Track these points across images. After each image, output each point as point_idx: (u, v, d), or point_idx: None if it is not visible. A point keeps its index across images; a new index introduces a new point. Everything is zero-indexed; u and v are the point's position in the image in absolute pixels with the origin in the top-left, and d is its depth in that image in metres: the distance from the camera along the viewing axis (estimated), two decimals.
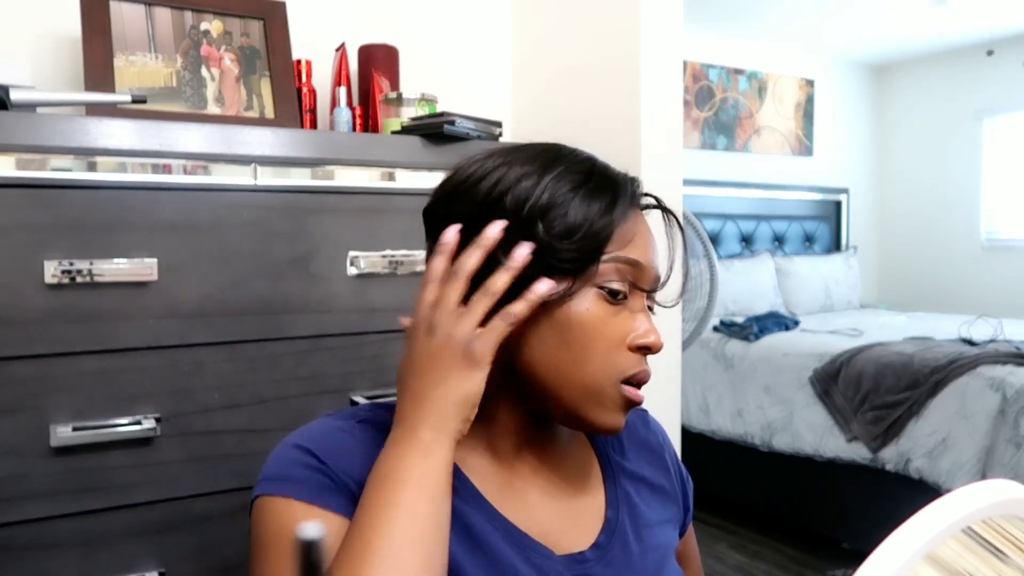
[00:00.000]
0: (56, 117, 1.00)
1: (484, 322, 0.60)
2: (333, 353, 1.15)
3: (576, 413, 0.63)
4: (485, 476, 0.66)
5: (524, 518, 0.65)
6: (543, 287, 0.60)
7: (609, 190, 0.65)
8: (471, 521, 0.63)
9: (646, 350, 0.65)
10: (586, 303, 0.62)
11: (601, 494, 0.71)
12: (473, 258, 0.60)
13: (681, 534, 0.79)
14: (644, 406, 0.81)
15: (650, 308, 0.68)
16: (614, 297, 0.63)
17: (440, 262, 0.61)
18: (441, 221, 0.64)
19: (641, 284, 0.65)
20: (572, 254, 0.61)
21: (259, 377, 1.09)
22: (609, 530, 0.68)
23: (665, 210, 0.73)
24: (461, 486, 0.64)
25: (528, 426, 0.67)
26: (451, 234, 0.61)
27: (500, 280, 0.59)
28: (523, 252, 0.60)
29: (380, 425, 0.66)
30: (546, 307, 0.62)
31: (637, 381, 0.64)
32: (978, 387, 2.39)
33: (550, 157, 0.66)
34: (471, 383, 0.59)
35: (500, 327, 0.59)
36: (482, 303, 0.59)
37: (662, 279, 0.68)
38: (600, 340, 0.62)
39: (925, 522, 0.36)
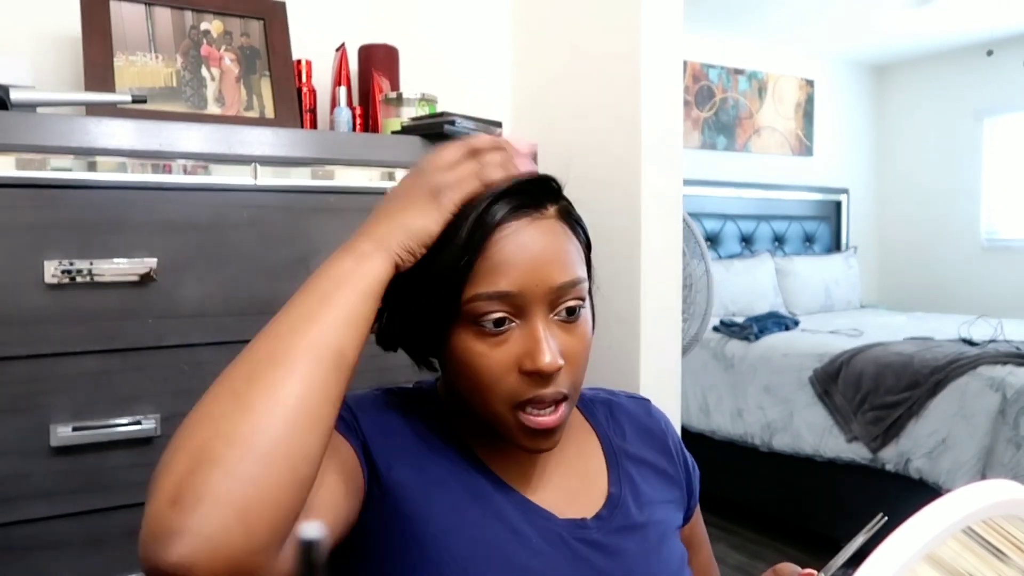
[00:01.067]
0: (56, 117, 1.00)
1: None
2: None
3: (500, 436, 0.65)
4: (494, 456, 0.68)
5: (531, 490, 0.68)
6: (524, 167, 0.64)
7: (477, 221, 0.61)
8: (477, 485, 0.65)
9: (536, 373, 0.61)
10: (465, 341, 0.61)
11: (604, 473, 0.72)
12: (484, 140, 0.62)
13: (687, 519, 0.80)
14: (647, 398, 0.83)
15: (570, 312, 0.63)
16: (496, 326, 0.61)
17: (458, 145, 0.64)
18: None
19: (526, 308, 0.61)
20: (429, 311, 0.62)
21: None
22: (612, 504, 0.70)
23: (565, 213, 0.66)
24: (469, 457, 0.67)
25: None
26: (485, 139, 0.63)
27: (493, 156, 0.62)
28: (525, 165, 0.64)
29: (424, 396, 0.71)
30: (443, 348, 0.63)
31: (536, 403, 0.62)
32: (978, 387, 2.39)
33: None
34: (427, 219, 0.59)
35: (472, 184, 0.61)
36: (469, 166, 0.61)
37: (567, 284, 0.62)
38: (485, 373, 0.61)
39: (925, 522, 0.36)
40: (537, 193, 0.64)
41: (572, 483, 0.70)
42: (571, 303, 0.63)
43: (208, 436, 0.47)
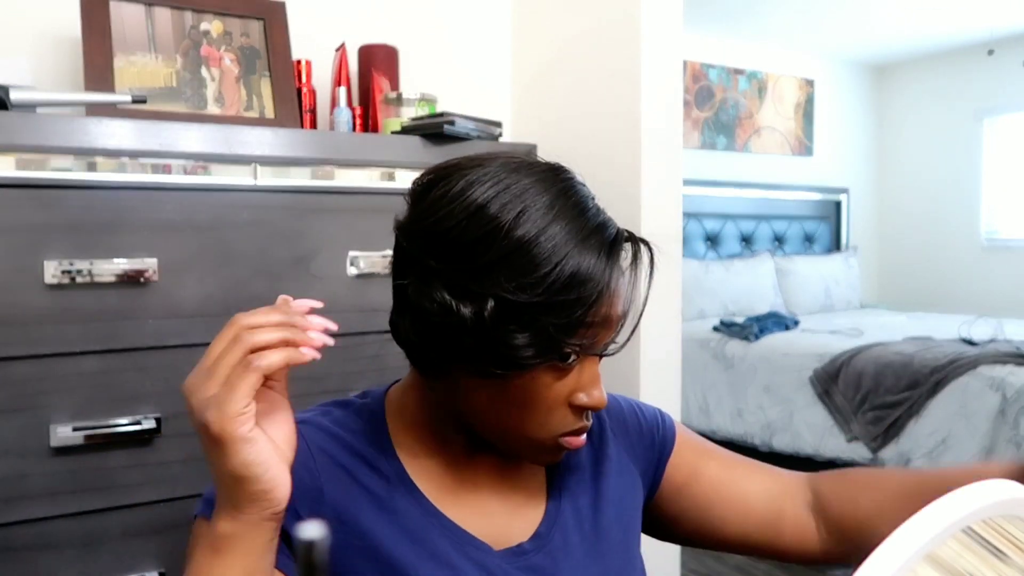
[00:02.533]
0: (56, 117, 1.00)
1: None
2: (333, 353, 1.14)
3: (512, 453, 0.65)
4: (432, 478, 0.66)
5: (468, 515, 0.66)
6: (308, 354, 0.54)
7: (598, 249, 0.58)
8: (408, 518, 0.63)
9: (591, 409, 0.62)
10: (534, 373, 0.59)
11: (543, 485, 0.71)
12: (246, 317, 0.52)
13: (660, 468, 0.77)
14: (643, 397, 0.81)
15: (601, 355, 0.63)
16: (564, 361, 0.59)
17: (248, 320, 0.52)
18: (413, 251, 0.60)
19: (598, 346, 0.61)
20: (521, 343, 0.57)
21: None
22: (549, 520, 0.68)
23: (650, 257, 0.67)
24: (402, 486, 0.65)
25: (476, 439, 0.67)
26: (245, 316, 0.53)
27: (269, 358, 0.51)
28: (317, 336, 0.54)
29: (362, 412, 0.68)
30: (495, 374, 0.59)
31: (577, 432, 0.62)
32: (978, 387, 2.39)
33: (555, 196, 0.60)
34: (230, 459, 0.50)
35: (250, 372, 0.50)
36: (236, 376, 0.50)
37: (624, 329, 0.63)
38: (542, 403, 0.60)
39: (925, 522, 0.36)
40: (636, 245, 0.64)
41: (506, 504, 0.68)
42: (612, 345, 0.64)
43: None
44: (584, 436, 0.63)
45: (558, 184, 0.61)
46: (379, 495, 0.64)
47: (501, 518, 0.67)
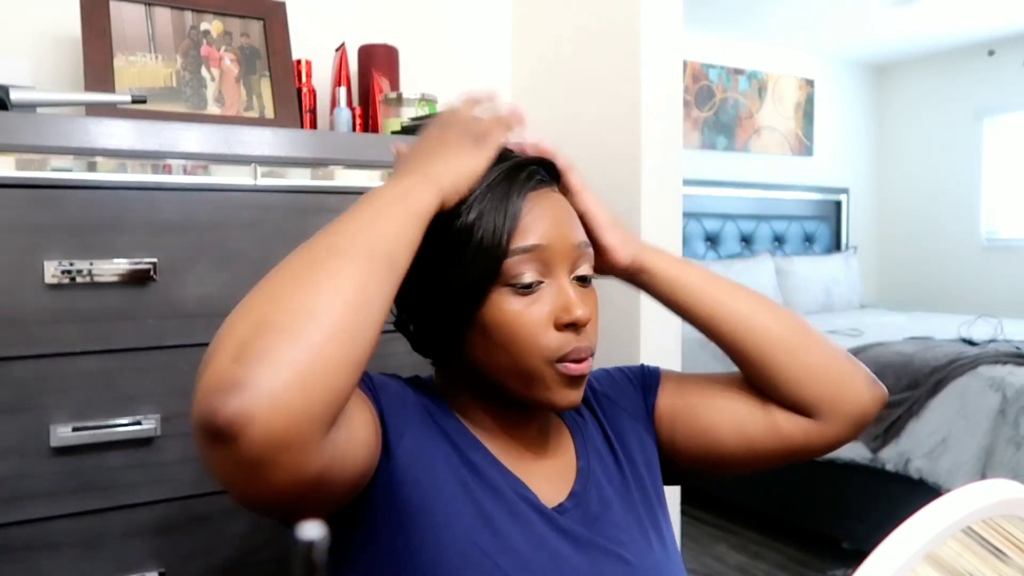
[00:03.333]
0: (56, 117, 1.00)
1: None
2: None
3: (528, 398, 0.68)
4: (489, 439, 0.71)
5: (523, 472, 0.71)
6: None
7: (504, 185, 0.67)
8: (473, 473, 0.67)
9: (573, 325, 0.66)
10: (500, 303, 0.65)
11: (572, 448, 0.76)
12: (471, 96, 0.71)
13: (652, 420, 0.81)
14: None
15: (583, 279, 0.69)
16: (527, 288, 0.65)
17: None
18: None
19: (554, 265, 0.67)
20: (468, 276, 0.65)
21: None
22: (583, 478, 0.73)
23: (557, 181, 0.74)
24: (472, 443, 0.69)
25: (505, 417, 0.72)
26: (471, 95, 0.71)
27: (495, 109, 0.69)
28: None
29: (427, 384, 0.75)
30: (472, 315, 0.66)
31: (573, 358, 0.66)
32: (978, 387, 2.39)
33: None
34: (473, 161, 0.65)
35: (502, 131, 0.68)
36: (489, 117, 0.68)
37: (583, 244, 0.70)
38: (522, 331, 0.65)
39: (925, 522, 0.36)
40: (543, 172, 0.71)
41: (546, 467, 0.73)
42: (585, 268, 0.69)
43: (270, 309, 0.50)
44: (586, 362, 0.67)
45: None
46: (456, 442, 0.69)
47: (544, 480, 0.71)
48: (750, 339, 0.76)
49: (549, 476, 0.72)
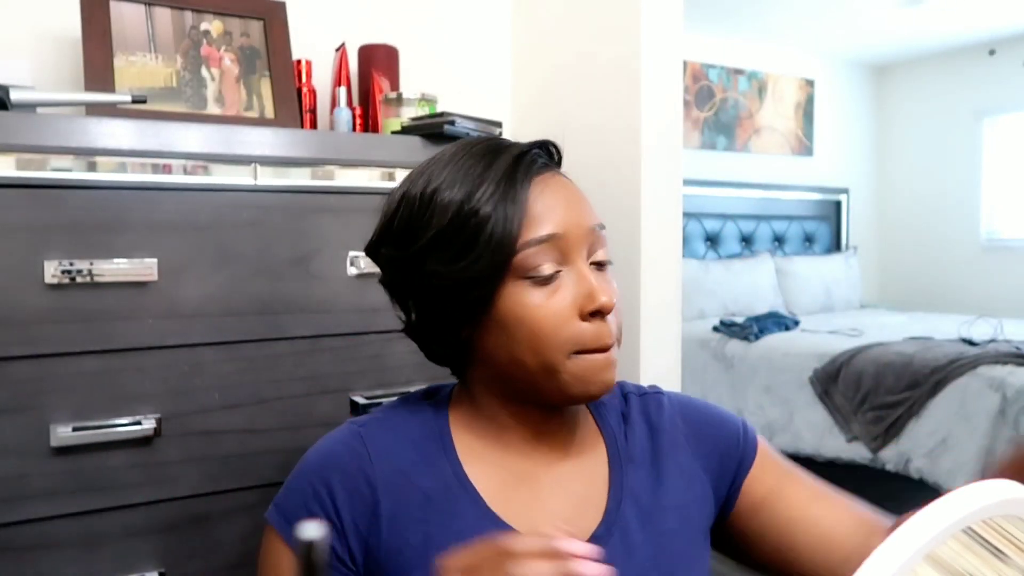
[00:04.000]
0: (56, 117, 1.00)
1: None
2: (333, 353, 1.14)
3: (554, 392, 0.64)
4: (492, 478, 0.67)
5: (527, 516, 0.66)
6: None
7: (507, 176, 0.64)
8: (463, 520, 0.64)
9: (598, 313, 0.63)
10: (516, 296, 0.62)
11: (605, 483, 0.70)
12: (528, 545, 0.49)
13: (735, 486, 0.74)
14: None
15: (599, 264, 0.66)
16: (546, 279, 0.63)
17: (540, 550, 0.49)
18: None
19: (571, 252, 0.64)
20: (477, 269, 0.62)
21: (259, 377, 1.09)
22: (608, 520, 0.67)
23: (558, 163, 0.71)
24: (460, 487, 0.65)
25: (533, 418, 0.68)
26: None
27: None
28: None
29: (426, 407, 0.71)
30: (487, 310, 0.63)
31: (598, 347, 0.63)
32: (978, 387, 2.39)
33: (444, 162, 0.67)
34: None
35: None
36: None
37: (598, 227, 0.67)
38: (544, 324, 0.62)
39: (925, 522, 0.36)
40: (547, 155, 0.68)
41: (568, 504, 0.68)
42: (601, 253, 0.66)
43: None
44: (611, 353, 0.64)
45: (474, 144, 0.67)
46: (435, 498, 0.65)
47: (561, 516, 0.67)
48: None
49: (570, 513, 0.67)
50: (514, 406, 0.68)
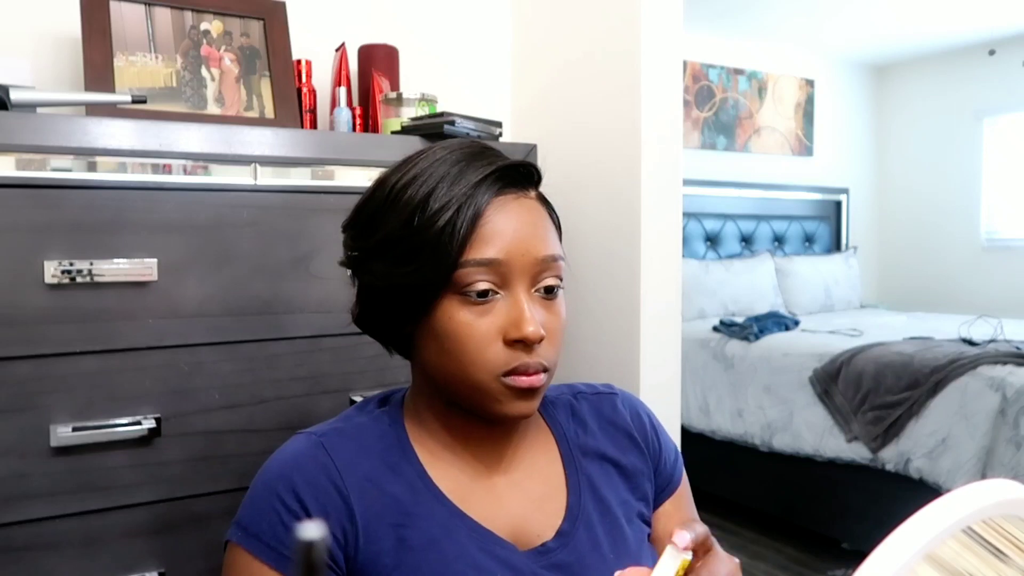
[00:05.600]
0: (56, 117, 1.00)
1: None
2: (333, 353, 1.15)
3: (477, 408, 0.66)
4: (454, 478, 0.68)
5: (492, 514, 0.67)
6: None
7: (471, 182, 0.63)
8: (434, 522, 0.64)
9: (521, 341, 0.63)
10: (450, 311, 0.63)
11: (563, 480, 0.72)
12: None
13: (657, 500, 0.77)
14: (644, 397, 0.82)
15: (549, 289, 0.66)
16: (480, 297, 0.63)
17: None
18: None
19: (511, 278, 0.64)
20: (417, 278, 0.63)
21: (259, 377, 1.09)
22: (572, 516, 0.70)
23: (539, 195, 0.70)
24: (426, 490, 0.66)
25: (478, 423, 0.69)
26: None
27: None
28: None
29: (382, 417, 0.71)
30: (426, 316, 0.64)
31: (521, 372, 0.63)
32: (978, 387, 2.39)
33: (448, 154, 0.67)
34: None
35: None
36: None
37: (549, 257, 0.65)
38: (470, 343, 0.63)
39: (925, 522, 0.36)
40: (520, 176, 0.67)
41: (528, 503, 0.69)
42: (550, 280, 0.66)
43: None
44: (536, 377, 0.64)
45: (459, 148, 0.67)
46: (404, 501, 0.65)
47: (523, 516, 0.68)
48: None
49: (533, 510, 0.69)
50: (457, 412, 0.69)
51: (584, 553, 0.68)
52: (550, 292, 0.66)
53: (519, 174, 0.67)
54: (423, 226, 0.62)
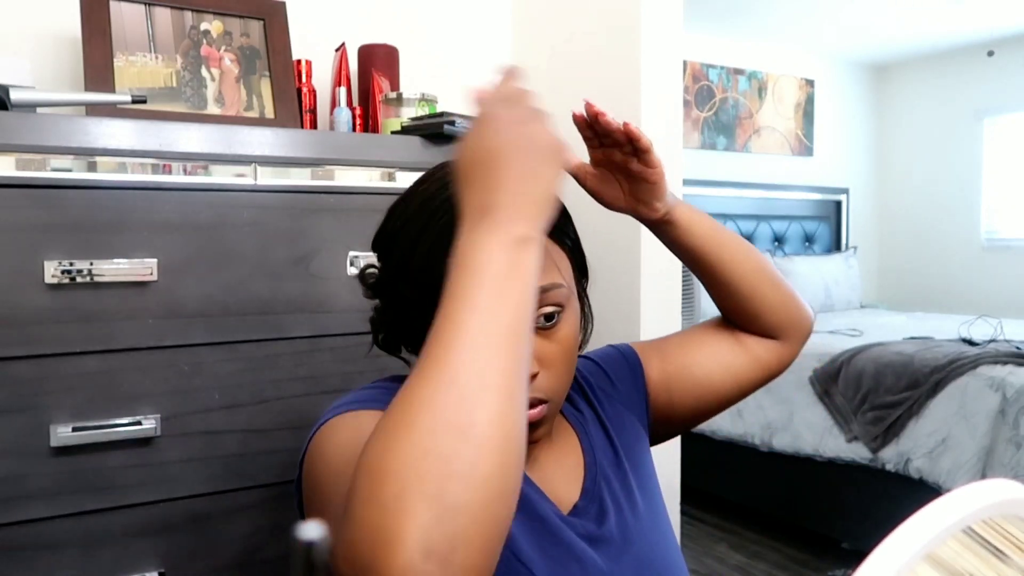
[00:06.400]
0: (56, 117, 1.00)
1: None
2: (333, 353, 1.15)
3: None
4: None
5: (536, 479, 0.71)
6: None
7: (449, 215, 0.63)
8: None
9: None
10: None
11: (577, 444, 0.76)
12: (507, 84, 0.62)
13: (647, 397, 0.84)
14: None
15: (549, 317, 0.65)
16: None
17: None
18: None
19: None
20: (417, 293, 0.64)
21: (259, 377, 1.09)
22: (591, 473, 0.73)
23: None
24: None
25: None
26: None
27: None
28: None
29: None
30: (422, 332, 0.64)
31: None
32: (978, 387, 2.39)
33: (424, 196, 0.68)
34: (558, 180, 0.56)
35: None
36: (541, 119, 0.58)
37: (546, 286, 0.65)
38: None
39: (925, 522, 0.36)
40: None
41: (562, 460, 0.74)
42: (547, 309, 0.65)
43: (442, 477, 0.43)
44: (536, 409, 0.65)
45: (447, 163, 0.67)
46: None
47: (557, 479, 0.72)
48: (746, 277, 0.82)
49: (562, 474, 0.73)
50: None
51: (609, 507, 0.71)
52: (550, 320, 0.65)
53: None
54: (419, 272, 0.64)
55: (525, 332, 0.49)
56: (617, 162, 0.78)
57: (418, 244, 0.64)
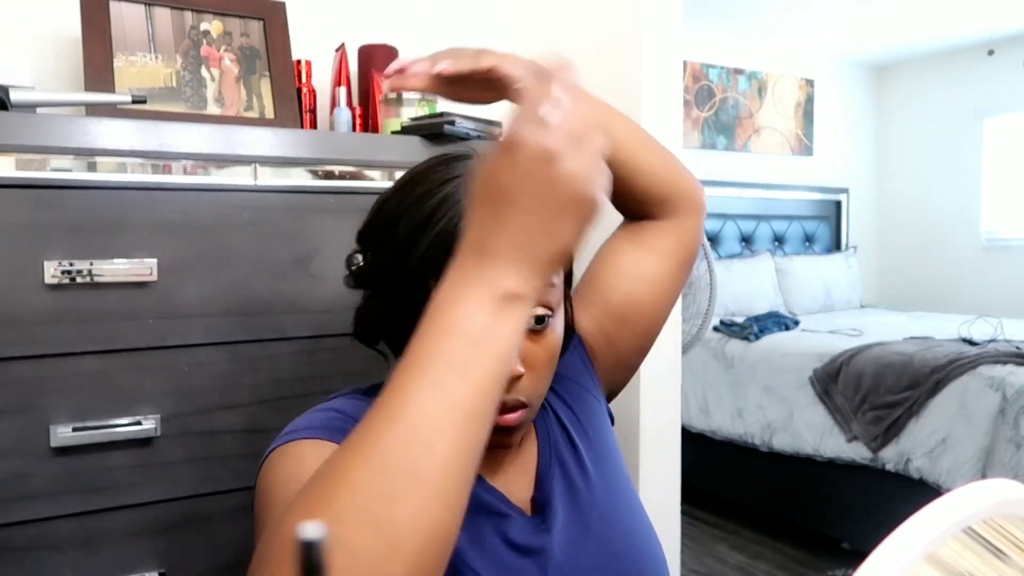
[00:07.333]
0: (56, 117, 1.00)
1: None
2: (333, 353, 1.14)
3: None
4: None
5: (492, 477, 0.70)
6: None
7: (446, 216, 0.63)
8: None
9: None
10: None
11: (534, 438, 0.75)
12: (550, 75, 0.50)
13: (596, 359, 0.82)
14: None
15: (538, 320, 0.64)
16: None
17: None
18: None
19: None
20: (405, 296, 0.63)
21: (259, 377, 1.09)
22: (545, 466, 0.72)
23: None
24: None
25: None
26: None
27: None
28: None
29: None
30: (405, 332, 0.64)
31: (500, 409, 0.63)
32: (978, 387, 2.39)
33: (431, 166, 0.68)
34: (577, 240, 0.46)
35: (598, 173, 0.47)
36: (593, 137, 0.46)
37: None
38: None
39: (925, 522, 0.36)
40: None
41: (515, 455, 0.73)
42: (538, 311, 0.64)
43: (347, 569, 0.39)
44: (511, 416, 0.64)
45: (445, 175, 0.66)
46: None
47: (511, 475, 0.71)
48: (622, 144, 0.78)
49: (518, 470, 0.72)
50: None
51: (565, 495, 0.70)
52: (540, 322, 0.64)
53: None
54: (405, 259, 0.63)
55: (484, 415, 0.43)
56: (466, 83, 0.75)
57: (414, 245, 0.63)
